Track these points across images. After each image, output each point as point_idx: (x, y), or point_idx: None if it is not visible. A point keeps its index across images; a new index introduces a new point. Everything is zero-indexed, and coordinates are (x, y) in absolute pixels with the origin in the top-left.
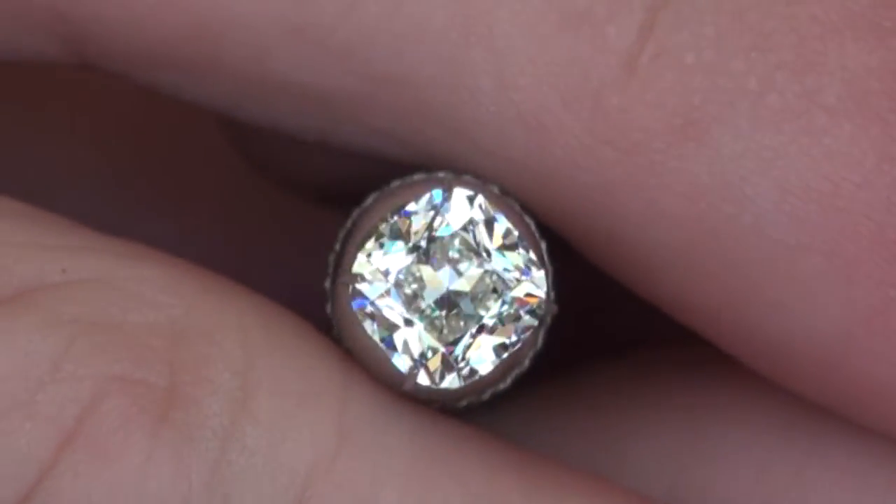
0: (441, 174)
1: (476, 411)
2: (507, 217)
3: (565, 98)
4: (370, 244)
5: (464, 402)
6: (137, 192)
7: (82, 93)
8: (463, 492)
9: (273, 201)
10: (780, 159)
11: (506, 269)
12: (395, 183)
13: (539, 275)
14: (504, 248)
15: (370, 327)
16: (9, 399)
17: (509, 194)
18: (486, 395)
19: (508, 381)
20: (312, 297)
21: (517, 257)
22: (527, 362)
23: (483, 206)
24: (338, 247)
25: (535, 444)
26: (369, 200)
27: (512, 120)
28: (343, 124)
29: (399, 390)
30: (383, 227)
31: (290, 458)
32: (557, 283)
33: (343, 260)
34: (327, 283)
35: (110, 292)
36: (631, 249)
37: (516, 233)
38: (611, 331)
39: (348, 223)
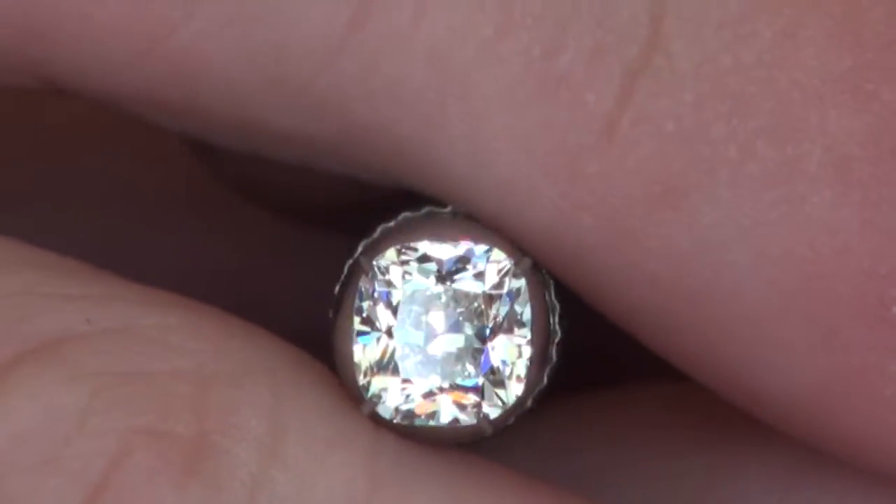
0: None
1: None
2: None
3: (542, 163)
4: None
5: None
6: (135, 210)
7: (82, 104)
8: None
9: (281, 221)
10: (759, 227)
11: (469, 280)
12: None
13: (495, 252)
14: (451, 270)
15: (416, 424)
16: (36, 455)
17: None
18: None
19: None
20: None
21: (463, 259)
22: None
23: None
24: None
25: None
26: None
27: (487, 182)
28: (323, 159)
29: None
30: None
31: None
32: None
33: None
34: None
35: (135, 341)
36: (611, 306)
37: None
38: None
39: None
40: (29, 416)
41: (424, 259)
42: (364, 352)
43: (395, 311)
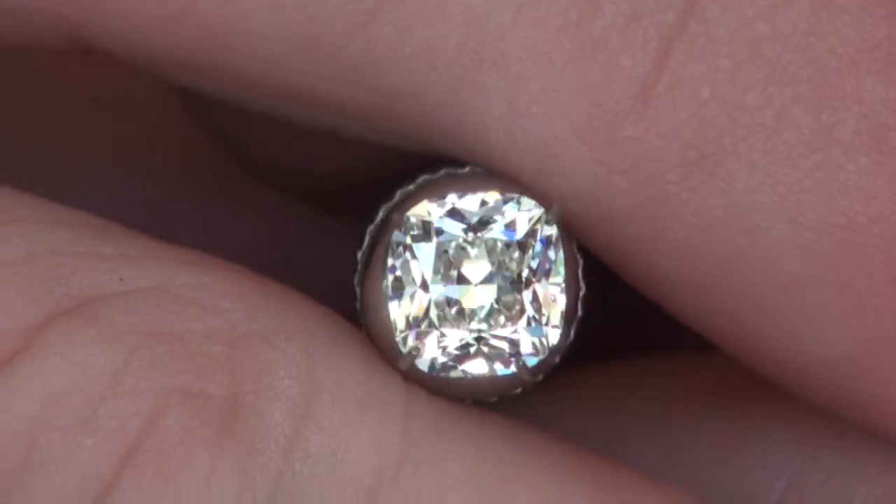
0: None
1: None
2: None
3: (577, 127)
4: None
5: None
6: (159, 185)
7: (97, 84)
8: (531, 497)
9: (297, 204)
10: (794, 194)
11: (500, 230)
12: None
13: (524, 201)
14: (481, 221)
15: (454, 376)
16: (71, 414)
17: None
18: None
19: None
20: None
21: (493, 210)
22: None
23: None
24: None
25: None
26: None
27: (521, 147)
28: (353, 124)
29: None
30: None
31: (355, 465)
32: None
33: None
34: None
35: (169, 300)
36: (641, 273)
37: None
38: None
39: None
40: (64, 375)
41: (454, 212)
42: (399, 307)
43: (428, 264)
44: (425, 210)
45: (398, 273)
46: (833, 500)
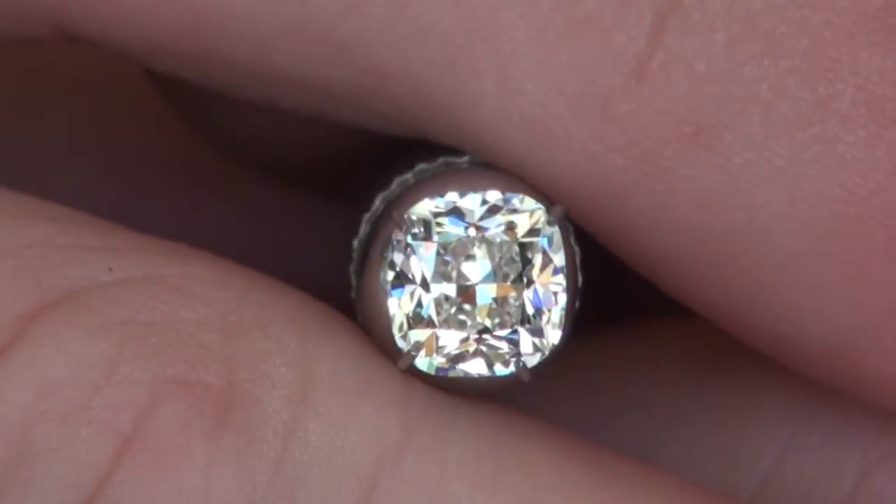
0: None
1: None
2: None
3: (572, 104)
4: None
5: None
6: (136, 178)
7: (81, 73)
8: (532, 483)
9: (275, 187)
10: (792, 167)
11: (501, 229)
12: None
13: (526, 200)
14: (482, 220)
15: (452, 375)
16: (65, 405)
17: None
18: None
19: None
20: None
21: (494, 209)
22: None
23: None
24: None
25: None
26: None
27: (515, 124)
28: (342, 108)
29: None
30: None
31: (355, 452)
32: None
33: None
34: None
35: (159, 290)
36: (637, 251)
37: (477, 195)
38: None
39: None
40: (57, 366)
41: (455, 210)
42: (399, 305)
43: (428, 262)
44: (426, 209)
45: (399, 269)
46: (828, 462)
